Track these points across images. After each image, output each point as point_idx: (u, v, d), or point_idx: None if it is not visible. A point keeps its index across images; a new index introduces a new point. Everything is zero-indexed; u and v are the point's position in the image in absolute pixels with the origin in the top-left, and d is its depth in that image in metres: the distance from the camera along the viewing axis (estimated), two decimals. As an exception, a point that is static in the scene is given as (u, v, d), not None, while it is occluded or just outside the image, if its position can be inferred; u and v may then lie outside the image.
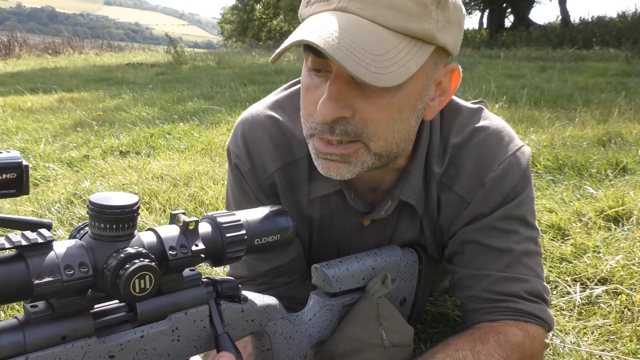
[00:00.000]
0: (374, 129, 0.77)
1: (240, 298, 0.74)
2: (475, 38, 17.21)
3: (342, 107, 0.75)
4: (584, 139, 3.08)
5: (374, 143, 0.79)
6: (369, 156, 0.80)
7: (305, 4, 0.80)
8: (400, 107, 0.78)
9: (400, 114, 0.78)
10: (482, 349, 0.84)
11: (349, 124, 0.77)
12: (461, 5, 0.82)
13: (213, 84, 6.35)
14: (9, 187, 0.54)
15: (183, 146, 3.28)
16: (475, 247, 0.94)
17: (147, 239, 0.62)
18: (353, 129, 0.77)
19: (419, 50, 0.74)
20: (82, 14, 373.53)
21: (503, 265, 0.92)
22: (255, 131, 0.98)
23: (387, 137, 0.79)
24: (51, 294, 0.54)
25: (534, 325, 0.91)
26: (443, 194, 0.95)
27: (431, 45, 0.75)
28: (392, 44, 0.72)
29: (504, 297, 0.91)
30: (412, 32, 0.73)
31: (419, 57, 0.74)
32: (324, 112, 0.75)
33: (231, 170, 1.02)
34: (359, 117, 0.77)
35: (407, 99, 0.78)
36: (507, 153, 0.92)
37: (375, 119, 0.77)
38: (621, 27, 14.00)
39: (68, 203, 2.24)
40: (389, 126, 0.78)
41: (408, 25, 0.72)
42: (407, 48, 0.73)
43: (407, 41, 0.73)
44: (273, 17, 27.35)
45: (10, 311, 1.43)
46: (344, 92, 0.75)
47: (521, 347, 0.88)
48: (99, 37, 24.14)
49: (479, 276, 0.93)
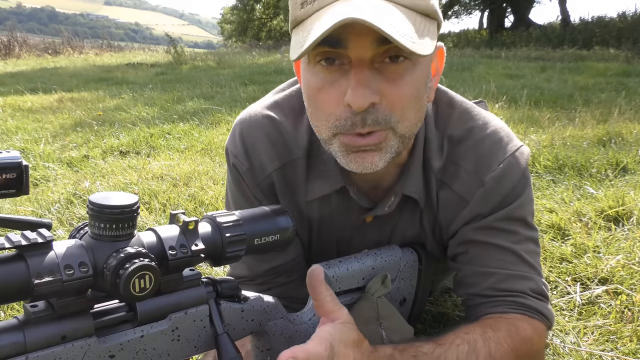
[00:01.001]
0: (400, 112, 0.79)
1: (240, 298, 0.74)
2: (475, 38, 17.21)
3: (372, 93, 0.76)
4: (584, 139, 3.08)
5: (401, 124, 0.80)
6: (395, 139, 0.81)
7: (299, 6, 0.79)
8: (418, 85, 0.80)
9: (418, 92, 0.80)
10: (493, 336, 0.85)
11: (378, 112, 0.77)
12: None
13: (213, 84, 6.36)
14: (9, 187, 0.54)
15: (183, 146, 3.28)
16: (480, 246, 0.94)
17: (147, 239, 0.62)
18: (382, 116, 0.78)
19: (431, 25, 0.77)
20: (82, 14, 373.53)
21: (509, 263, 0.92)
22: (254, 131, 0.98)
23: (411, 118, 0.81)
24: (51, 294, 0.54)
25: (540, 322, 0.92)
26: (442, 191, 0.95)
27: (435, 21, 0.79)
28: (412, 19, 0.74)
29: (512, 293, 0.92)
30: (423, 9, 0.77)
31: (432, 32, 0.77)
32: (358, 100, 0.75)
33: (230, 170, 1.02)
34: (385, 101, 0.77)
35: (422, 76, 0.80)
36: (506, 153, 0.92)
37: (400, 100, 0.78)
38: (621, 27, 14.00)
39: (68, 203, 2.24)
40: (412, 106, 0.80)
41: (419, 2, 0.76)
42: (422, 23, 0.76)
43: (420, 17, 0.76)
44: (273, 17, 27.34)
45: (10, 311, 1.43)
46: (369, 77, 0.76)
47: (530, 341, 0.88)
48: (99, 37, 24.15)
49: (486, 274, 0.93)
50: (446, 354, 0.81)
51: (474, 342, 0.83)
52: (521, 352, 0.86)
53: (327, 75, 0.78)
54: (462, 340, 0.83)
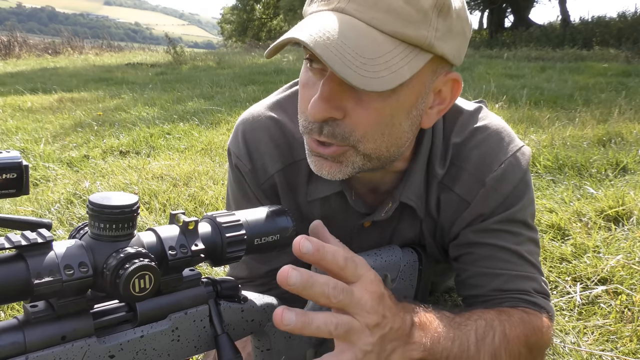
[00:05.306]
0: (362, 132, 0.77)
1: (240, 298, 0.74)
2: (475, 38, 17.21)
3: (333, 108, 0.75)
4: (584, 139, 3.08)
5: (363, 145, 0.78)
6: (358, 157, 0.80)
7: (308, 2, 0.80)
8: (392, 112, 0.77)
9: (392, 119, 0.78)
10: (507, 319, 0.85)
11: (338, 126, 0.77)
12: (467, 16, 0.80)
13: (213, 84, 6.36)
14: (9, 187, 0.54)
15: (183, 146, 3.28)
16: (484, 248, 0.94)
17: (147, 239, 0.62)
18: (340, 132, 0.77)
19: (415, 57, 0.73)
20: (82, 14, 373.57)
21: (514, 264, 0.93)
22: (256, 132, 0.98)
23: (376, 140, 0.79)
24: (51, 294, 0.54)
25: (546, 317, 0.93)
26: (443, 194, 0.95)
27: (428, 54, 0.74)
28: (386, 49, 0.71)
29: (518, 291, 0.92)
30: (408, 39, 0.72)
31: (413, 64, 0.72)
32: (314, 112, 0.75)
33: (231, 170, 1.02)
34: (348, 120, 0.76)
35: (400, 104, 0.77)
36: (507, 154, 0.92)
37: (365, 122, 0.76)
38: (621, 27, 14.00)
39: (68, 203, 2.24)
40: (379, 130, 0.78)
41: (405, 31, 0.71)
42: (402, 54, 0.72)
43: (402, 47, 0.72)
44: (273, 17, 27.36)
45: (10, 311, 1.43)
46: (336, 93, 0.75)
47: (540, 331, 0.89)
48: (99, 37, 24.14)
49: (491, 275, 0.93)
50: (466, 323, 0.81)
51: (490, 320, 0.83)
52: (532, 340, 0.86)
53: (311, 75, 0.79)
54: (478, 316, 0.83)
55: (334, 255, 0.65)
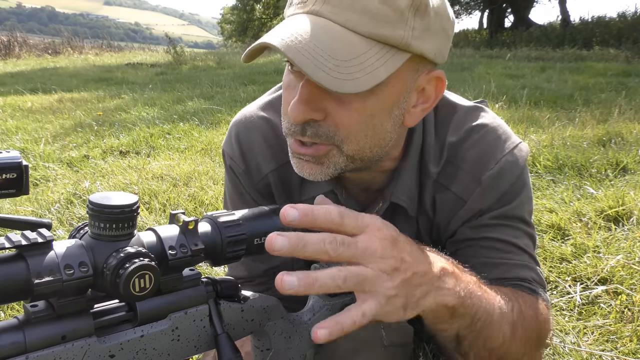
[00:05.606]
0: (345, 133, 0.77)
1: (239, 298, 0.74)
2: (475, 38, 17.22)
3: (313, 110, 0.75)
4: (584, 139, 3.08)
5: (346, 146, 0.79)
6: (341, 157, 0.80)
7: (288, 4, 0.80)
8: (373, 112, 0.77)
9: (372, 119, 0.78)
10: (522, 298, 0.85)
11: (320, 127, 0.77)
12: (448, 13, 0.80)
13: (213, 84, 6.36)
14: (9, 187, 0.54)
15: (183, 146, 3.29)
16: (482, 241, 0.94)
17: (147, 239, 0.62)
18: (324, 132, 0.77)
19: (391, 57, 0.72)
20: (82, 14, 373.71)
21: (512, 254, 0.93)
22: (249, 133, 0.98)
23: (359, 141, 0.79)
24: (51, 294, 0.54)
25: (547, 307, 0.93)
26: (439, 194, 0.94)
27: (406, 53, 0.74)
28: (361, 50, 0.71)
29: (519, 279, 0.92)
30: (385, 39, 0.72)
31: (390, 64, 0.72)
32: (294, 114, 0.75)
33: (226, 171, 1.03)
34: (330, 120, 0.76)
35: (381, 104, 0.77)
36: (504, 151, 0.92)
37: (347, 122, 0.76)
38: (621, 27, 14.00)
39: (68, 203, 2.24)
40: (361, 130, 0.78)
41: (381, 31, 0.71)
42: (377, 55, 0.71)
43: (378, 48, 0.72)
44: (273, 17, 27.34)
45: (10, 311, 1.43)
46: (315, 95, 0.75)
47: (545, 315, 0.89)
48: (99, 37, 24.15)
49: (491, 264, 0.93)
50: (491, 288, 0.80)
51: (509, 293, 0.83)
52: (540, 321, 0.87)
53: (292, 78, 0.80)
54: (498, 288, 0.82)
55: (326, 214, 0.60)
